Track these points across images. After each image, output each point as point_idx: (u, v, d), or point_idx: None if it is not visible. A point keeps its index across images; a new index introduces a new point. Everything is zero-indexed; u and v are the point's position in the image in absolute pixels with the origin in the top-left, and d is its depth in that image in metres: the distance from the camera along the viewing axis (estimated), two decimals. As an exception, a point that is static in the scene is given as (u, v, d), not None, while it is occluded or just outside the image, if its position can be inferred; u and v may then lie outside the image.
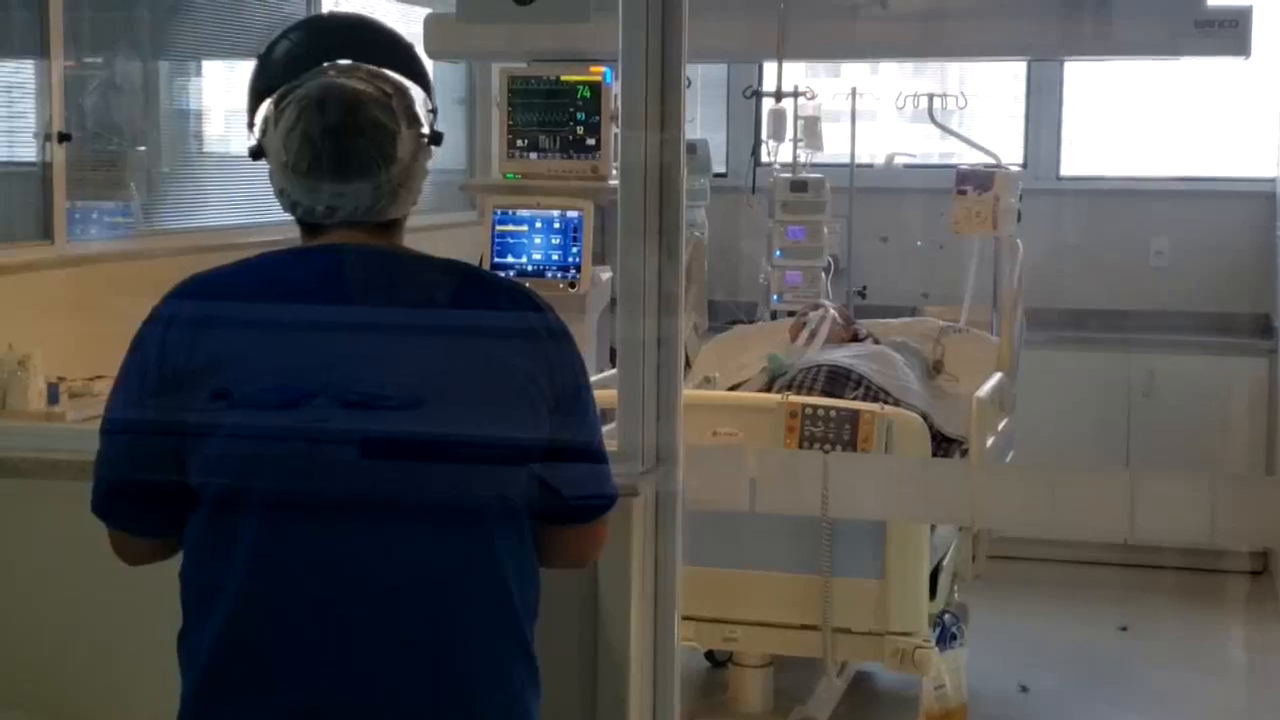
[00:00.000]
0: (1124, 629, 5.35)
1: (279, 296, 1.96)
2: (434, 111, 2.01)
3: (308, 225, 1.97)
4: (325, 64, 1.96)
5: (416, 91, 1.99)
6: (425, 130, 1.98)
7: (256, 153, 2.01)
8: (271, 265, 1.99)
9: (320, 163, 1.90)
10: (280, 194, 1.97)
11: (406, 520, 1.90)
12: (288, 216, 2.01)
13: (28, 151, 4.11)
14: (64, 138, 4.11)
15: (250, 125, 2.02)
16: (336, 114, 1.90)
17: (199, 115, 5.23)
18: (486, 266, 5.20)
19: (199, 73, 5.22)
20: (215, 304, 1.96)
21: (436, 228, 6.13)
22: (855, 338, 4.75)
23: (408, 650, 1.89)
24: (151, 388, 1.92)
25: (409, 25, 5.97)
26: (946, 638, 3.77)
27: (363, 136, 1.90)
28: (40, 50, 4.08)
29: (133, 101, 4.70)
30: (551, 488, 1.97)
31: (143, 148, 4.72)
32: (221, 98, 5.31)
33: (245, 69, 2.08)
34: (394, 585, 1.89)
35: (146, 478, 1.95)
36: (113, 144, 4.53)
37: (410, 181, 1.96)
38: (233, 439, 1.87)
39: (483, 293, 2.05)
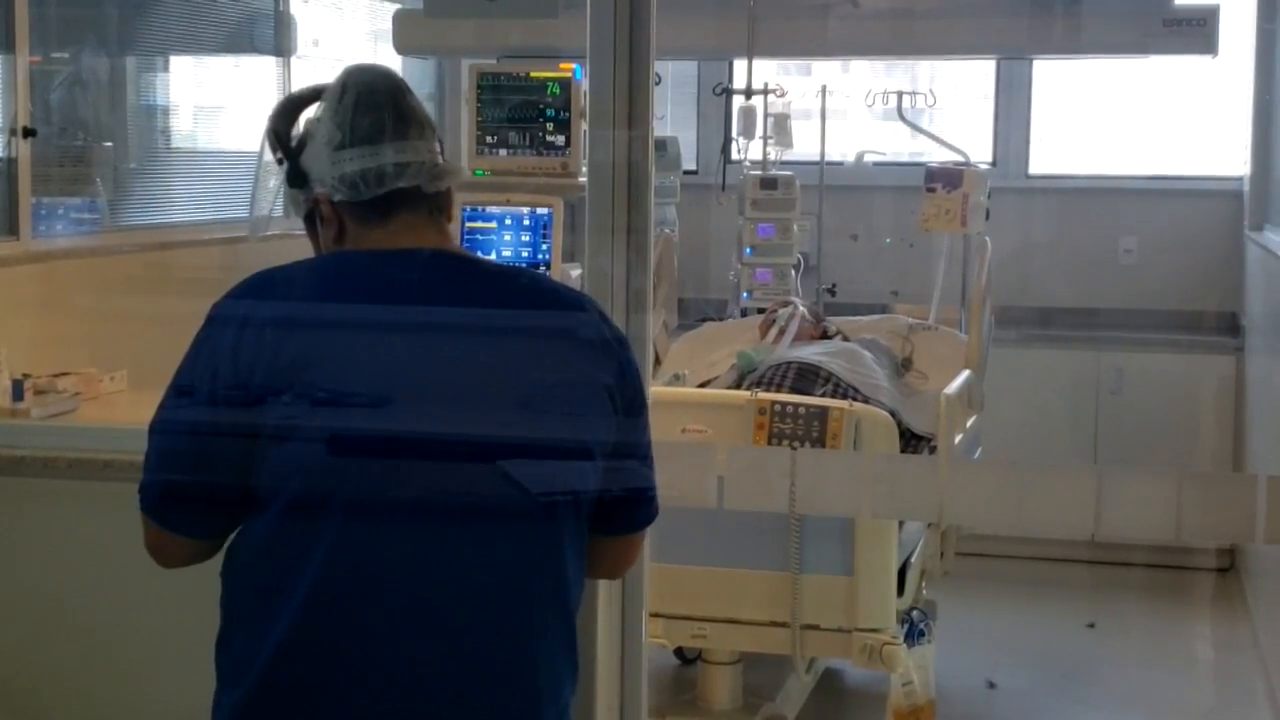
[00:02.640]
0: (1091, 626, 5.37)
1: (356, 299, 1.95)
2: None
3: (362, 207, 1.97)
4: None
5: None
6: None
7: (297, 177, 2.03)
8: (343, 265, 1.99)
9: (383, 121, 1.97)
10: (336, 181, 1.97)
11: (484, 525, 1.90)
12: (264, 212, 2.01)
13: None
14: (29, 133, 4.07)
15: (283, 155, 2.07)
16: (388, 82, 2.01)
17: (166, 111, 5.20)
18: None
19: (166, 68, 5.18)
20: (294, 305, 1.95)
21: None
22: (825, 335, 4.75)
23: (480, 657, 1.88)
24: (223, 389, 1.88)
25: (377, 22, 5.96)
26: (914, 634, 3.78)
27: (414, 101, 2.01)
28: (5, 45, 4.04)
29: (99, 97, 4.67)
30: (612, 494, 1.99)
31: (109, 143, 4.69)
32: (189, 93, 5.28)
33: (213, 65, 2.11)
34: (469, 592, 1.88)
35: (208, 479, 1.92)
36: (79, 139, 4.49)
37: (445, 164, 2.04)
38: (315, 442, 1.85)
39: (556, 300, 2.04)
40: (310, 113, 2.05)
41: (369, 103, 1.98)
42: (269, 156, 2.10)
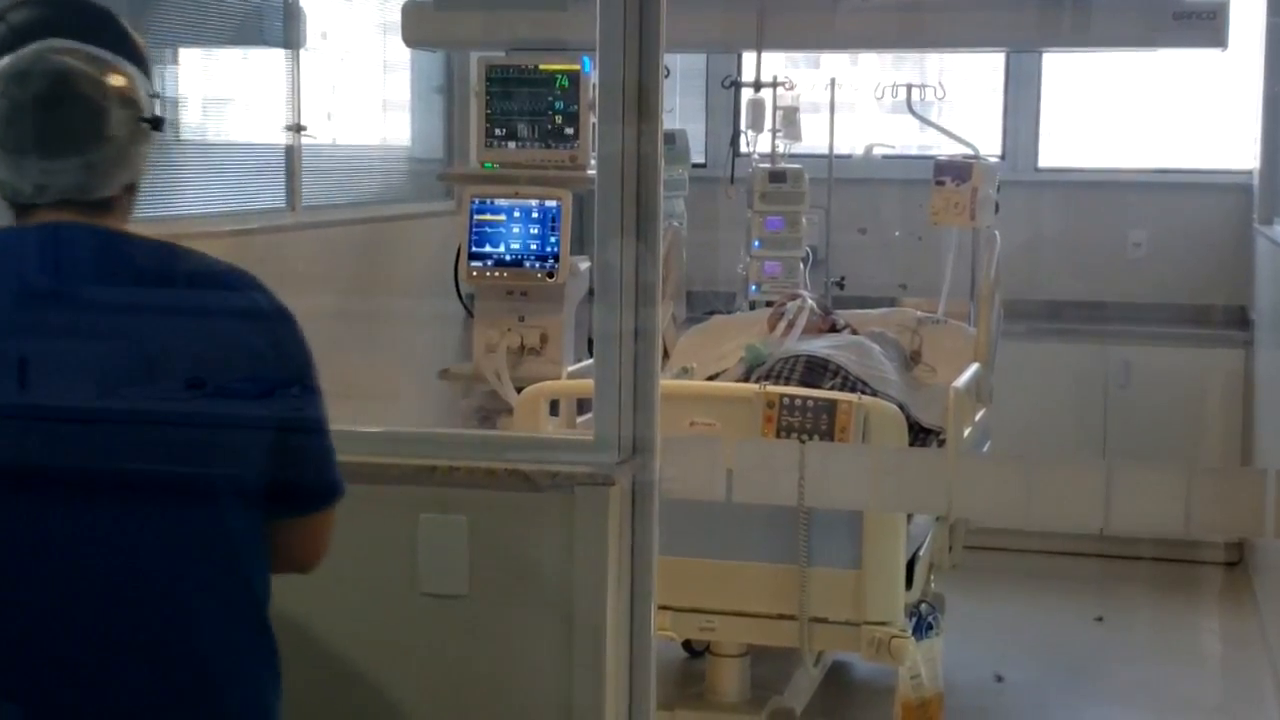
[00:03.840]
0: (1100, 620, 5.37)
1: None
2: (155, 96, 1.97)
3: (19, 207, 1.90)
4: (39, 43, 1.89)
5: (138, 76, 1.95)
6: (145, 114, 1.93)
7: None
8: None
9: (26, 137, 1.85)
10: None
11: (127, 502, 1.84)
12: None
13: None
14: (40, 125, 4.08)
15: None
16: (43, 86, 1.85)
17: (175, 103, 5.20)
18: (464, 256, 5.20)
19: (175, 60, 5.19)
20: None
21: (414, 217, 6.13)
22: (833, 328, 4.75)
23: (122, 643, 1.82)
24: None
25: (387, 14, 5.96)
26: (923, 628, 3.78)
27: (71, 111, 1.86)
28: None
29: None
30: (280, 473, 1.93)
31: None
32: (199, 85, 5.29)
33: (223, 57, 2.09)
34: (113, 574, 1.82)
35: None
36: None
37: (125, 161, 1.91)
38: None
39: (203, 272, 1.98)
40: None
41: (17, 106, 1.85)
42: None
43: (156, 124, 1.95)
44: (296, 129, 5.34)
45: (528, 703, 2.45)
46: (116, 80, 1.90)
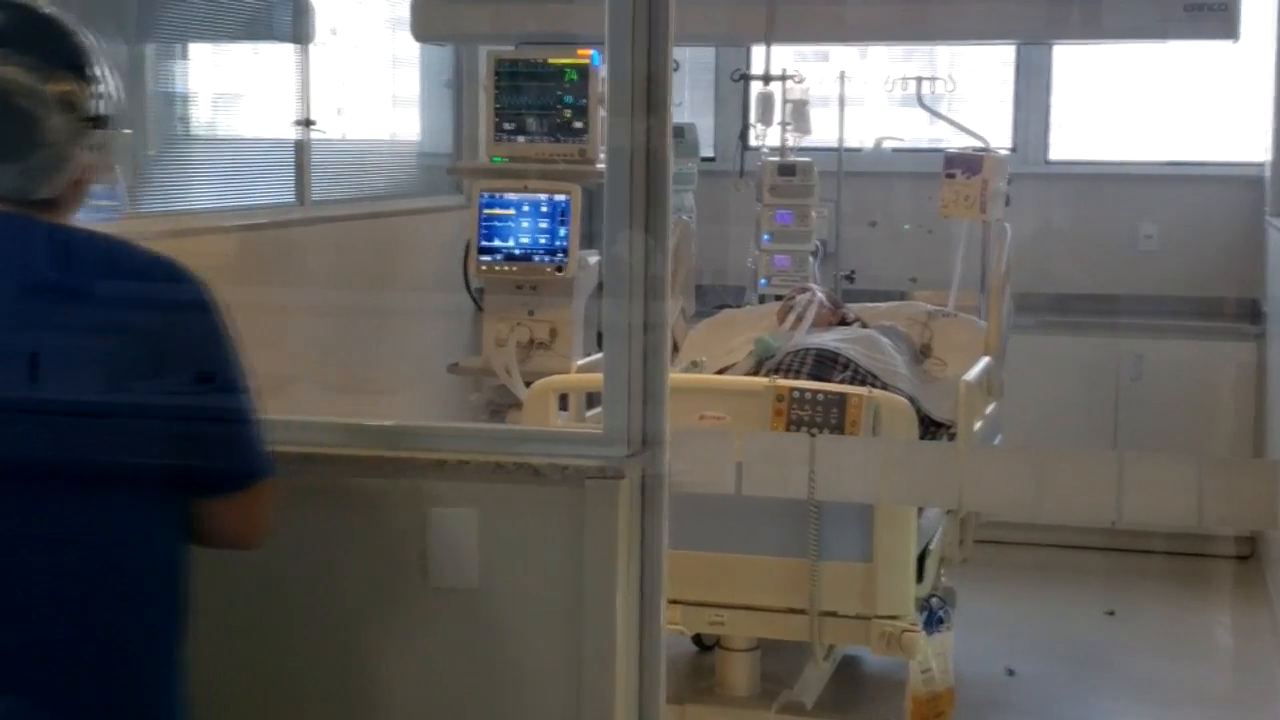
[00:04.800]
0: (1111, 613, 5.36)
1: None
2: (101, 98, 2.04)
3: None
4: None
5: (77, 79, 2.02)
6: (87, 114, 2.01)
7: None
8: None
9: None
10: None
11: (30, 487, 1.90)
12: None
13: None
14: (49, 120, 4.08)
15: None
16: None
17: (185, 98, 5.20)
18: (474, 250, 5.20)
19: (185, 56, 5.19)
20: None
21: (423, 211, 6.13)
22: (843, 321, 4.74)
23: (27, 631, 1.89)
24: None
25: (396, 9, 5.96)
26: (933, 621, 3.77)
27: (4, 120, 1.94)
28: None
29: (119, 84, 4.67)
30: (195, 455, 2.00)
31: (129, 130, 4.69)
32: (208, 80, 5.29)
33: (232, 52, 2.10)
34: (15, 559, 1.89)
35: None
36: (99, 126, 4.50)
37: (63, 164, 2.00)
38: None
39: (124, 259, 2.03)
40: None
41: None
42: None
43: (99, 122, 2.03)
44: (306, 124, 5.35)
45: (538, 696, 2.44)
46: (52, 86, 1.98)
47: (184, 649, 2.07)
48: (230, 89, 5.39)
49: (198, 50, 5.24)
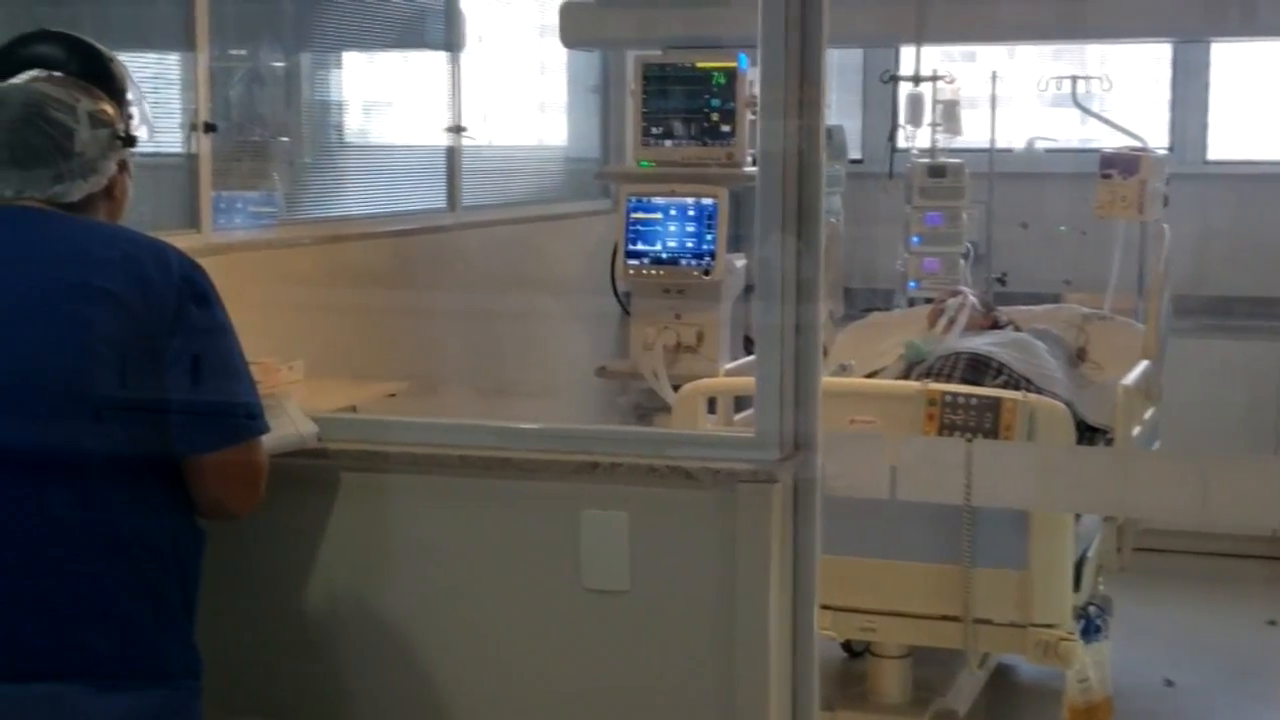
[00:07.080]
0: (1272, 623, 5.23)
1: None
2: (130, 118, 2.28)
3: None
4: (26, 73, 2.23)
5: (110, 100, 2.23)
6: (119, 133, 2.22)
7: None
8: None
9: (2, 152, 2.15)
10: None
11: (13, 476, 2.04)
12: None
13: (174, 142, 4.18)
14: (210, 128, 4.18)
15: None
16: (14, 111, 2.16)
17: (339, 106, 5.30)
18: (621, 254, 5.21)
19: (339, 64, 5.28)
20: None
21: (571, 216, 6.17)
22: (995, 325, 4.67)
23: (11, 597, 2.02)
24: None
25: (545, 16, 6.00)
26: (1091, 630, 3.70)
27: (39, 131, 2.15)
28: (186, 42, 4.15)
29: (276, 93, 4.77)
30: (168, 422, 2.11)
31: (286, 138, 4.79)
32: (362, 89, 5.38)
33: (385, 61, 2.15)
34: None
35: None
36: (256, 135, 4.60)
37: (91, 174, 2.19)
38: None
39: (122, 238, 2.18)
40: None
41: None
42: None
43: (129, 141, 2.25)
44: (457, 130, 5.41)
45: (690, 699, 2.44)
46: (87, 104, 2.20)
47: (193, 620, 2.17)
48: (382, 97, 5.47)
49: (351, 58, 5.34)
